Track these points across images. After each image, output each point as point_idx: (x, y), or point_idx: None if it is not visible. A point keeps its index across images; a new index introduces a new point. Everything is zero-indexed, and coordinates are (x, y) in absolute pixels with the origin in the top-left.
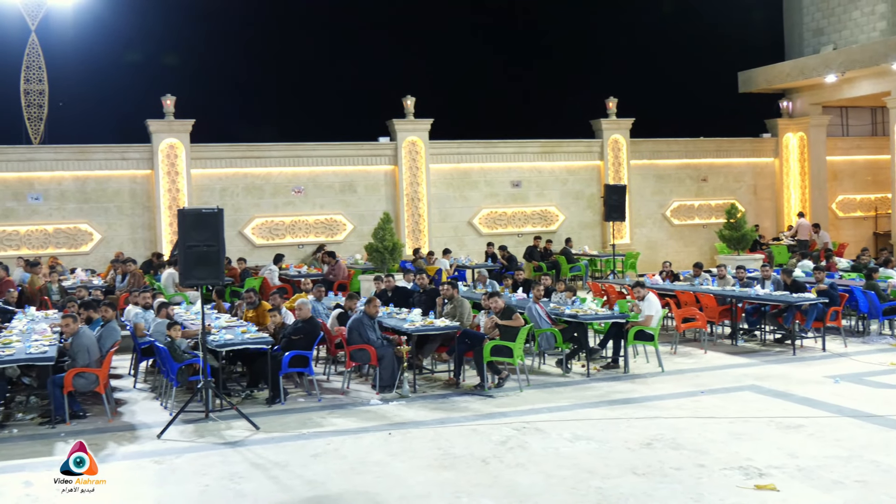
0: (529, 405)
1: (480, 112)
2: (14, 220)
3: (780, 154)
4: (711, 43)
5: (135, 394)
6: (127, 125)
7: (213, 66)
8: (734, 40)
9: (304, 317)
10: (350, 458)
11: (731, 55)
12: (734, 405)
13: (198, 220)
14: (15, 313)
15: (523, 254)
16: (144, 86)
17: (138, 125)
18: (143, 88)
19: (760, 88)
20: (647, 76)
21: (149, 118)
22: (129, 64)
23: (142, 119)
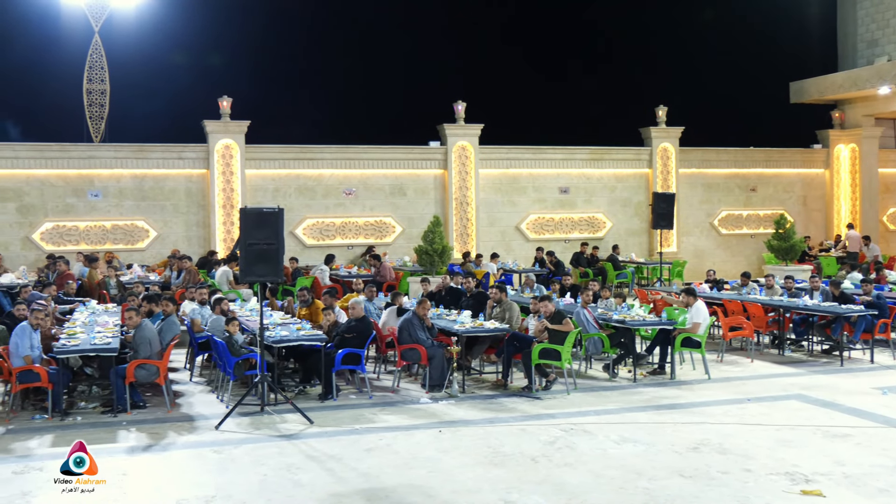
0: (577, 408)
1: (530, 118)
2: (74, 216)
3: (830, 165)
4: (763, 53)
5: (191, 387)
6: (184, 125)
7: (269, 68)
8: (786, 50)
9: (357, 315)
10: (402, 453)
11: (783, 65)
12: (781, 413)
13: (259, 218)
14: (76, 306)
15: (570, 259)
16: (202, 87)
17: (195, 125)
18: (201, 89)
19: (812, 99)
20: (698, 85)
21: (205, 119)
22: (187, 65)
23: (198, 119)
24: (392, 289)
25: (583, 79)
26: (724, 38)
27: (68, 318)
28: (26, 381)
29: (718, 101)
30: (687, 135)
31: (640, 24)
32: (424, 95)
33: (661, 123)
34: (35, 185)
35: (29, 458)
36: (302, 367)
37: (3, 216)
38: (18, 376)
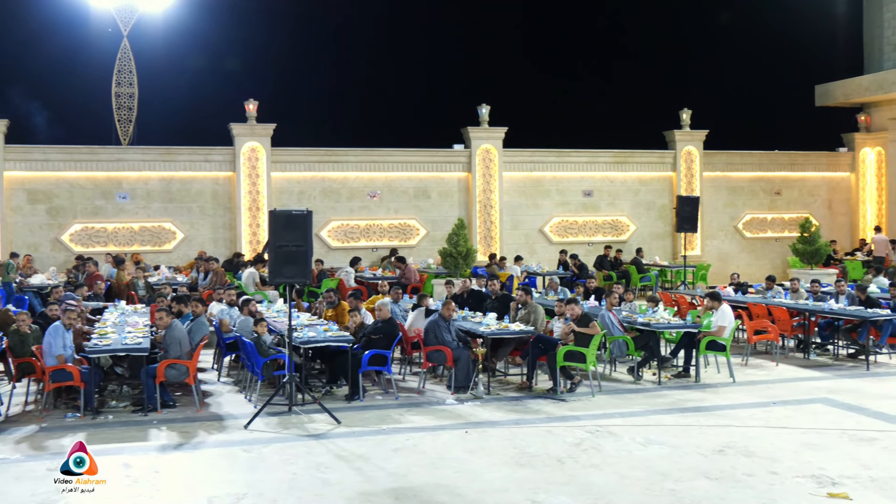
0: (602, 410)
1: (554, 121)
2: (102, 218)
3: (856, 169)
4: (788, 55)
5: (219, 387)
6: (211, 128)
7: (295, 71)
8: (812, 53)
9: (383, 317)
10: (429, 453)
11: (808, 68)
12: (806, 417)
13: (288, 221)
14: (106, 306)
15: (594, 262)
16: (228, 90)
17: (222, 128)
18: (227, 92)
19: (838, 102)
20: (722, 88)
21: (232, 122)
22: (213, 68)
23: (225, 122)
24: (417, 291)
25: (607, 82)
26: (749, 41)
27: (98, 319)
28: (59, 379)
29: (743, 104)
30: (711, 138)
31: (665, 27)
32: (448, 98)
33: (686, 126)
34: (64, 187)
35: (63, 455)
36: (328, 368)
37: (34, 218)
38: (51, 375)
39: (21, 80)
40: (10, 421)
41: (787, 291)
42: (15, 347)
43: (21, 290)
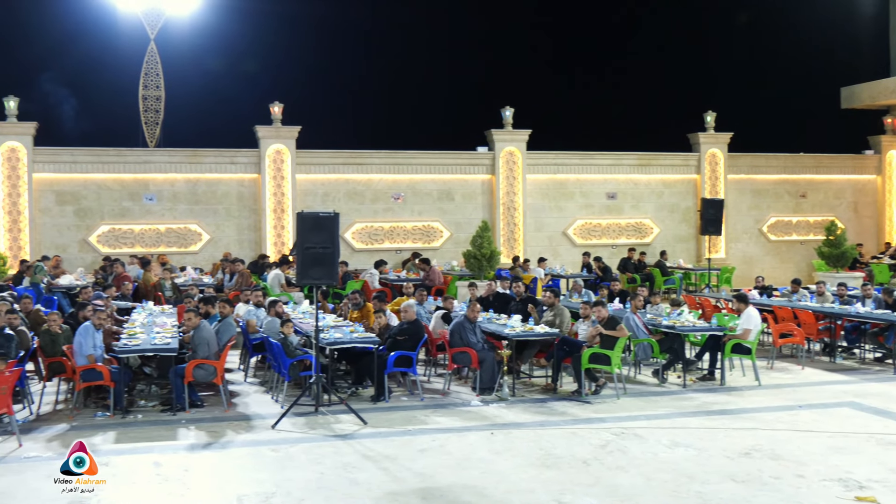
0: (627, 412)
1: (577, 123)
2: (129, 219)
3: (883, 171)
4: (814, 58)
5: (246, 387)
6: (236, 130)
7: (319, 74)
8: (837, 55)
9: (409, 318)
10: (455, 454)
11: (833, 70)
12: (833, 420)
13: (315, 223)
14: (134, 307)
15: (617, 265)
16: (253, 92)
17: (247, 130)
18: (253, 95)
19: (864, 104)
20: (747, 90)
21: (257, 124)
22: (239, 71)
23: (250, 125)
24: (441, 293)
25: (631, 84)
26: (774, 43)
27: (126, 319)
28: (89, 379)
29: (768, 106)
30: (736, 140)
31: (689, 29)
32: (472, 101)
33: (710, 129)
34: (92, 188)
35: (94, 453)
36: (354, 369)
37: (62, 219)
38: (82, 374)
39: (50, 83)
40: (41, 420)
41: (812, 295)
42: (46, 347)
43: (50, 290)
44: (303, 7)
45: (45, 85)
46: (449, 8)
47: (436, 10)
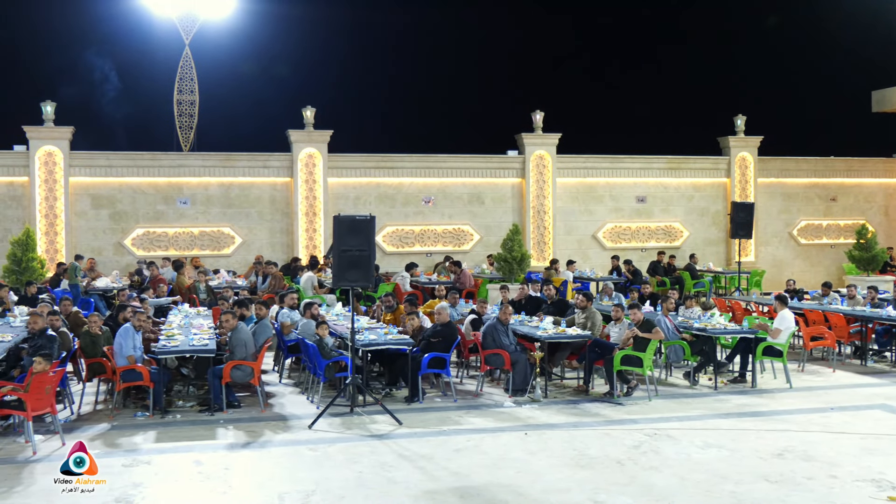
0: (659, 413)
1: (607, 127)
2: (164, 223)
3: None
4: (844, 61)
5: (281, 388)
6: (269, 135)
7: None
8: (868, 59)
9: (443, 321)
10: (490, 454)
11: (864, 73)
12: (865, 422)
13: (352, 226)
14: (175, 302)
15: (647, 268)
16: (286, 97)
17: (280, 135)
18: (285, 99)
19: (895, 108)
20: (777, 94)
21: (290, 128)
22: (272, 75)
23: (283, 129)
24: (471, 295)
25: (660, 88)
26: (805, 47)
27: (162, 321)
28: (129, 379)
29: (798, 109)
30: (766, 144)
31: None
32: (503, 105)
33: (740, 133)
34: (127, 192)
35: (136, 452)
36: (388, 371)
37: (98, 222)
38: (122, 375)
39: (85, 88)
40: (82, 419)
41: (843, 298)
42: (86, 348)
43: (86, 292)
44: (334, 11)
45: (81, 90)
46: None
47: (466, 14)
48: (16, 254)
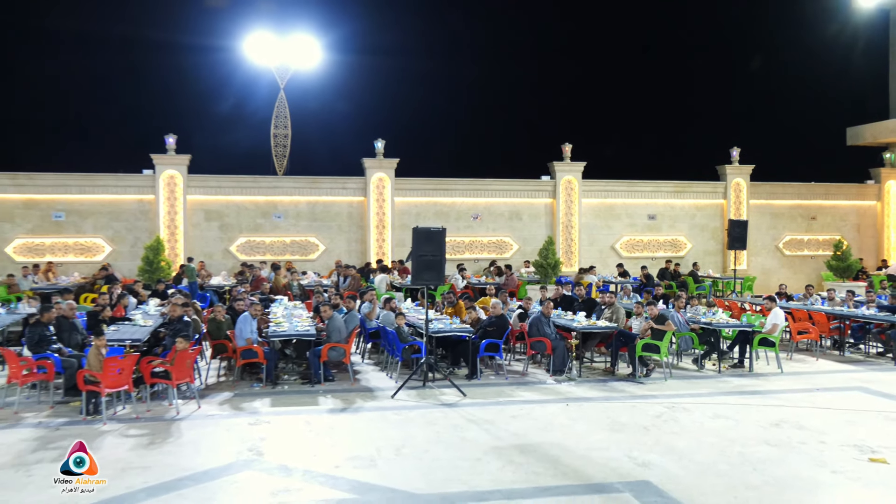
0: (674, 391)
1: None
2: (262, 233)
3: (881, 198)
4: (823, 102)
5: (364, 367)
6: (347, 162)
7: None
8: (844, 100)
9: (497, 314)
10: (540, 420)
11: (840, 113)
12: (846, 401)
13: (427, 236)
14: (273, 301)
15: (657, 274)
16: (361, 130)
17: (356, 162)
18: (360, 132)
19: (866, 142)
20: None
21: (364, 157)
22: (349, 113)
23: (359, 157)
24: (513, 294)
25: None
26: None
27: (267, 312)
28: (247, 357)
29: (784, 142)
30: (757, 171)
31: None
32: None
33: (735, 162)
34: (233, 208)
35: (257, 414)
36: (451, 354)
37: (209, 232)
38: (242, 354)
39: (200, 123)
40: (209, 389)
41: (823, 300)
42: (213, 332)
43: (202, 288)
44: (400, 61)
45: (197, 125)
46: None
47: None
48: (148, 257)
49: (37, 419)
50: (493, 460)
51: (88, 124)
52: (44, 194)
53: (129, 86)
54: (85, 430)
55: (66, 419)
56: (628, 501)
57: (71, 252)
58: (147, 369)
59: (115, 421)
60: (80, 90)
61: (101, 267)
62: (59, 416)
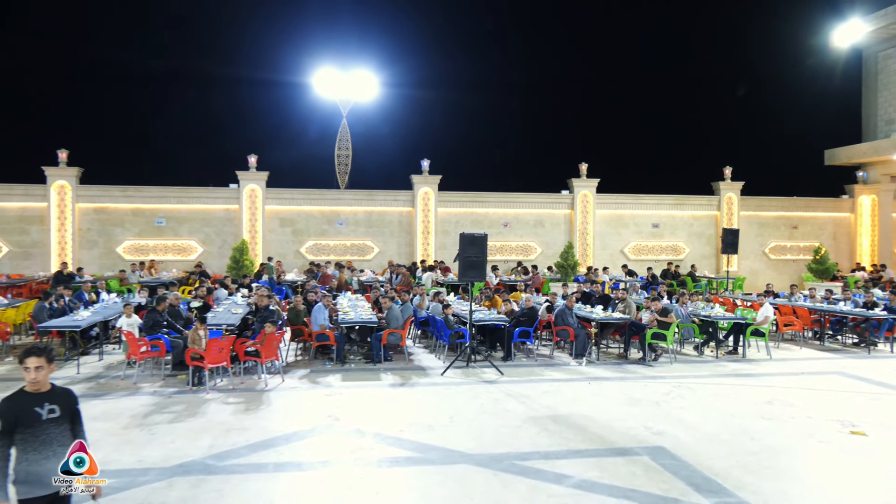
0: (679, 373)
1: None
2: (327, 237)
3: (854, 210)
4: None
5: (415, 349)
6: (397, 178)
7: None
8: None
9: (528, 306)
10: (567, 395)
11: (820, 136)
12: (828, 383)
13: (472, 240)
14: (338, 294)
15: (660, 274)
16: (409, 151)
17: (405, 178)
18: (409, 153)
19: (842, 162)
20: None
21: (412, 173)
22: (400, 136)
23: (407, 174)
24: (538, 290)
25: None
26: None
27: (336, 303)
28: (321, 340)
29: (770, 161)
30: (746, 187)
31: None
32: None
33: (727, 179)
34: (303, 216)
35: (331, 387)
36: (489, 339)
37: (283, 237)
38: (316, 337)
39: (277, 145)
40: (289, 366)
41: (805, 297)
42: (291, 319)
43: (279, 283)
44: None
45: (274, 147)
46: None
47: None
48: (235, 256)
49: (152, 388)
50: (530, 428)
51: (185, 146)
52: (148, 204)
53: (219, 114)
54: (192, 398)
55: (175, 389)
56: (647, 463)
57: (170, 252)
58: (241, 349)
59: (215, 391)
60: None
61: (196, 265)
62: (170, 386)
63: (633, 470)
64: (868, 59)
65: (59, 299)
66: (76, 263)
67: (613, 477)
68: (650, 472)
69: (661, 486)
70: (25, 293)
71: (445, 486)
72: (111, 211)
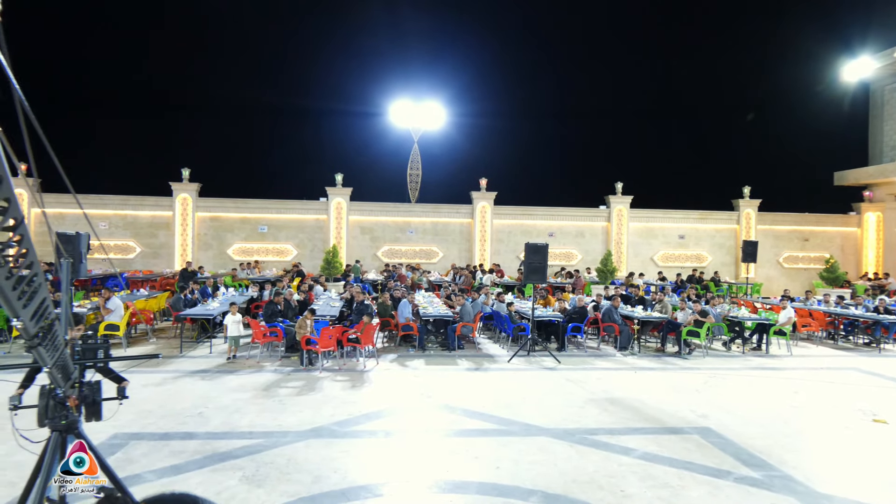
0: (711, 365)
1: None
2: (399, 243)
3: (861, 226)
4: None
5: (482, 340)
6: (459, 193)
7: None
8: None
9: (580, 304)
10: (618, 381)
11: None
12: (844, 377)
13: (535, 248)
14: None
15: (686, 279)
16: (470, 170)
17: (465, 194)
18: (469, 172)
19: (850, 183)
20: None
21: (472, 190)
22: (462, 157)
23: (468, 190)
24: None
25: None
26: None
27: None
28: (406, 330)
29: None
30: (763, 204)
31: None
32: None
33: (746, 197)
34: (379, 225)
35: (416, 370)
36: (545, 333)
37: (363, 242)
38: (402, 328)
39: (359, 165)
40: (379, 351)
41: (819, 301)
42: (380, 312)
43: (362, 282)
44: (498, 121)
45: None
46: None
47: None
48: (328, 259)
49: (272, 367)
50: (591, 408)
51: (284, 166)
52: (254, 213)
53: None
54: (307, 375)
55: (291, 368)
56: (698, 440)
57: (270, 254)
58: (344, 336)
59: (325, 371)
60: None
61: (293, 265)
62: (286, 366)
63: (686, 446)
64: (875, 92)
65: (193, 293)
66: (196, 263)
67: (671, 451)
68: (702, 449)
69: (713, 460)
70: (157, 286)
71: (530, 453)
72: (223, 219)
